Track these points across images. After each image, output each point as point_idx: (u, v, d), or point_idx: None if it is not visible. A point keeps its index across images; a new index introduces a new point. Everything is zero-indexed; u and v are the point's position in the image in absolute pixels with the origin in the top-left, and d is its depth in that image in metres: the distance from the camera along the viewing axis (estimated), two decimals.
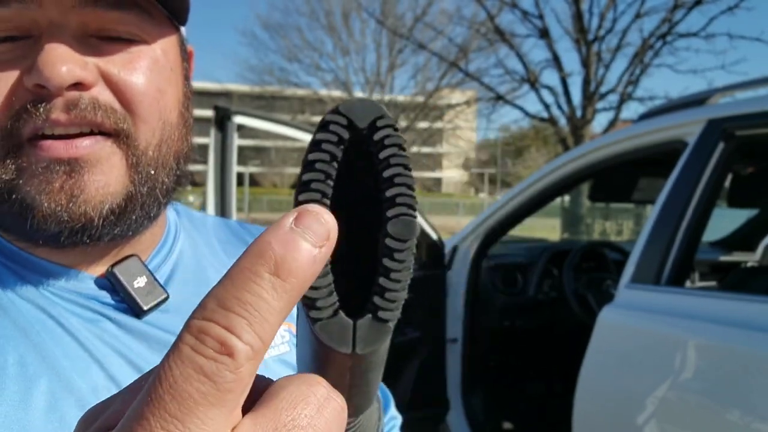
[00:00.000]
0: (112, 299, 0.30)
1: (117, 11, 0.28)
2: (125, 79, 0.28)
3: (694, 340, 0.92)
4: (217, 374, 0.11)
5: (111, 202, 0.28)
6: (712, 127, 1.07)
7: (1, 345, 0.26)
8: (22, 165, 0.27)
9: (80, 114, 0.27)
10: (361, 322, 0.13)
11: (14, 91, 0.27)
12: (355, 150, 0.13)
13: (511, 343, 1.66)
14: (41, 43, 0.27)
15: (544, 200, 1.52)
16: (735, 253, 1.89)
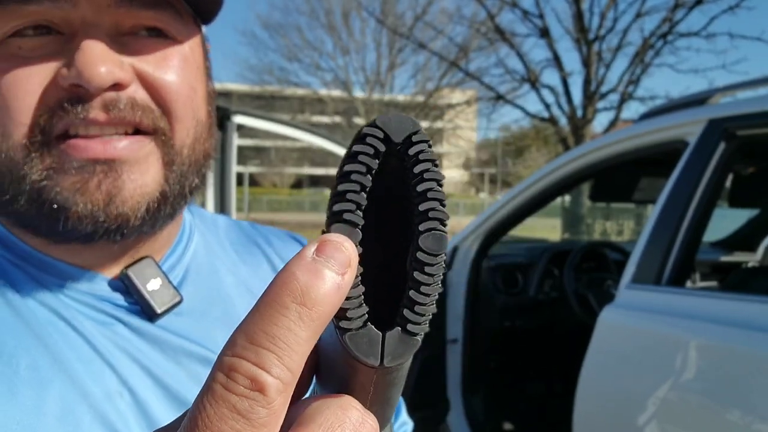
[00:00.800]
0: (126, 301, 0.30)
1: (152, 10, 0.28)
2: (160, 78, 0.28)
3: (695, 340, 0.91)
4: (250, 411, 0.11)
5: (147, 202, 0.28)
6: (713, 127, 1.06)
7: (14, 349, 0.26)
8: (53, 164, 0.26)
9: (119, 114, 0.27)
10: (390, 334, 0.13)
11: (48, 88, 0.26)
12: (391, 164, 0.13)
13: (511, 343, 1.66)
14: (76, 41, 0.26)
15: (544, 200, 1.52)
16: (736, 254, 1.89)
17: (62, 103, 0.26)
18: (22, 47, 0.26)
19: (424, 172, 0.13)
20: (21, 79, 0.26)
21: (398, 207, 0.14)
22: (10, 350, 0.26)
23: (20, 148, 0.26)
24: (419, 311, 0.13)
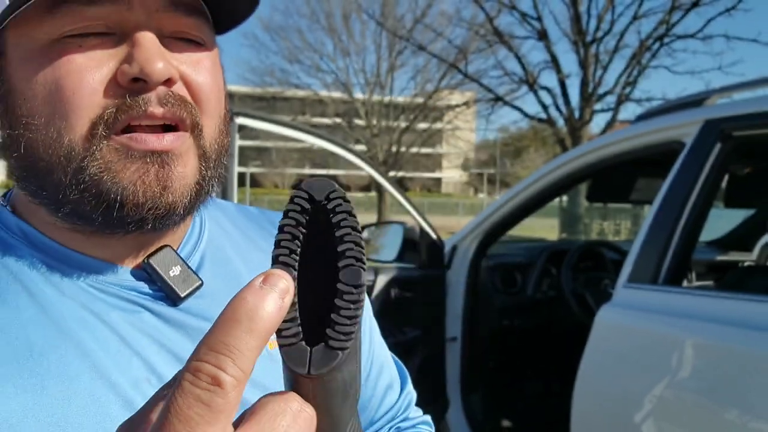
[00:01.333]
0: (150, 289, 0.31)
1: (191, 17, 0.30)
2: (196, 78, 0.31)
3: (692, 339, 0.92)
4: (210, 401, 0.14)
5: (189, 193, 0.30)
6: (709, 128, 1.07)
7: (43, 346, 0.27)
8: (113, 156, 0.28)
9: (171, 110, 0.29)
10: (316, 349, 0.16)
11: (109, 84, 0.28)
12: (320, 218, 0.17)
13: (510, 342, 1.67)
14: (133, 40, 0.28)
15: (542, 200, 1.53)
16: (732, 253, 1.90)
17: (124, 97, 0.28)
18: (82, 46, 0.28)
19: (342, 220, 0.17)
20: (84, 75, 0.28)
21: (330, 249, 0.17)
22: (39, 348, 0.27)
23: (81, 141, 0.28)
24: (339, 330, 0.16)
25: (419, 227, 1.52)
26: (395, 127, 13.14)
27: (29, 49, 0.28)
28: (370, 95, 13.30)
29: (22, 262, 0.30)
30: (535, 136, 13.84)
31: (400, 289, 1.44)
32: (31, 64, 0.28)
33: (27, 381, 0.26)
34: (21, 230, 0.31)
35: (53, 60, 0.28)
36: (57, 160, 0.28)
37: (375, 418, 0.41)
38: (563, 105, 7.78)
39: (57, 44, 0.28)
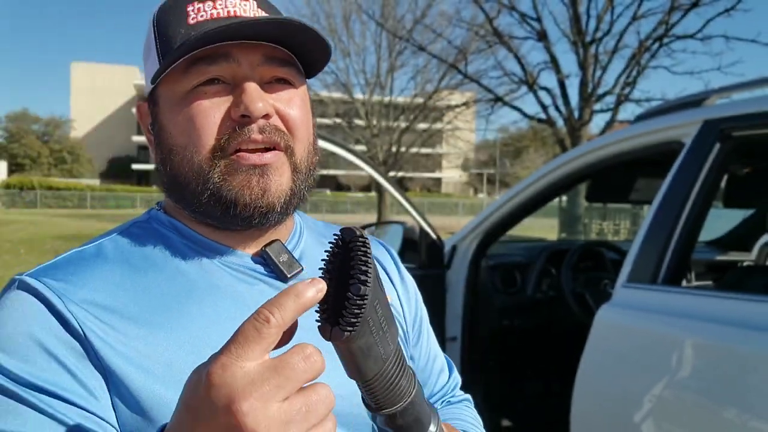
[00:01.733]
0: (265, 270, 0.44)
1: (284, 68, 0.43)
2: (289, 112, 0.42)
3: (691, 339, 0.92)
4: (260, 329, 0.25)
5: (284, 196, 0.42)
6: (708, 128, 1.07)
7: (187, 302, 0.40)
8: (228, 169, 0.40)
9: (268, 137, 0.41)
10: (334, 328, 0.27)
11: (224, 119, 0.41)
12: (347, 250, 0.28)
13: (509, 341, 1.67)
14: (242, 87, 0.40)
15: (542, 200, 1.53)
16: (731, 253, 1.90)
17: (234, 128, 0.40)
18: (207, 92, 0.41)
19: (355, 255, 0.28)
20: (208, 114, 0.40)
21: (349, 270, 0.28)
22: (186, 303, 0.40)
23: (206, 160, 0.41)
24: (345, 320, 0.27)
25: (419, 227, 1.52)
26: (395, 127, 13.14)
27: (172, 98, 0.41)
28: (370, 95, 13.31)
29: (174, 247, 0.43)
30: (535, 136, 13.84)
31: None
32: (174, 109, 0.41)
33: (177, 322, 0.39)
34: (172, 225, 0.44)
35: (188, 105, 0.41)
36: (191, 175, 0.41)
37: (431, 393, 0.54)
38: (563, 105, 7.78)
39: (190, 93, 0.41)
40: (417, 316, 0.53)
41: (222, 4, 0.41)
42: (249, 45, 0.40)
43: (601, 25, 7.46)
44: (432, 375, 0.54)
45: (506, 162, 21.92)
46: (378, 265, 0.49)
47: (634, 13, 7.26)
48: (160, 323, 0.38)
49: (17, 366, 0.35)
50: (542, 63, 7.83)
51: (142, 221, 0.45)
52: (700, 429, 0.87)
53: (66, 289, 0.37)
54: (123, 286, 0.39)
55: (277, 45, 0.42)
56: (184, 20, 0.41)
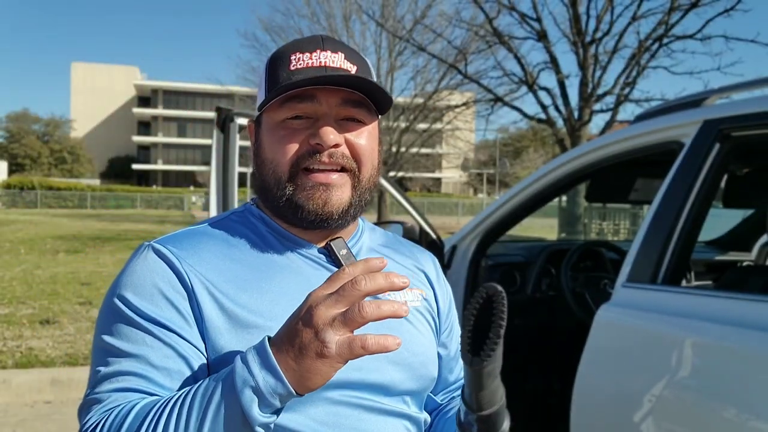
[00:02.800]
0: (327, 260, 0.57)
1: (356, 108, 0.55)
2: (357, 143, 0.55)
3: (690, 338, 0.92)
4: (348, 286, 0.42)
5: (343, 207, 0.54)
6: (707, 128, 1.07)
7: (269, 275, 0.54)
8: (298, 184, 0.54)
9: (335, 160, 0.54)
10: (475, 358, 0.38)
11: (301, 144, 0.54)
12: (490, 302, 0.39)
13: (509, 341, 1.66)
14: (320, 122, 0.54)
15: (542, 200, 1.53)
16: (730, 253, 1.91)
17: (308, 152, 0.54)
18: (294, 123, 0.54)
19: (496, 306, 0.38)
20: (291, 140, 0.54)
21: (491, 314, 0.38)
22: (267, 275, 0.54)
23: (285, 173, 0.54)
24: (486, 352, 0.38)
25: (419, 227, 1.53)
26: (395, 128, 13.14)
27: (270, 124, 0.55)
28: None
29: (260, 234, 0.57)
30: (535, 136, 13.83)
31: None
32: (269, 132, 0.55)
33: (265, 286, 0.53)
34: (261, 217, 0.58)
35: (279, 130, 0.54)
36: (273, 183, 0.55)
37: (454, 376, 0.67)
38: (562, 105, 7.78)
39: (282, 123, 0.54)
40: (450, 313, 0.66)
41: (317, 56, 0.54)
42: (331, 90, 0.53)
43: (601, 25, 7.47)
44: (459, 362, 0.66)
45: (506, 162, 21.89)
46: (422, 267, 0.65)
47: (633, 14, 7.26)
48: (245, 287, 0.52)
49: (146, 306, 0.49)
50: (542, 63, 7.83)
51: (239, 212, 0.59)
52: (700, 428, 0.88)
53: (182, 255, 0.52)
54: (222, 257, 0.53)
55: (354, 90, 0.54)
56: (287, 66, 0.54)
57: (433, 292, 0.64)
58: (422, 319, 0.60)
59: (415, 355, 0.56)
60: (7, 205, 21.81)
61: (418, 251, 0.67)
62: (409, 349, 0.56)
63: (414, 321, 0.58)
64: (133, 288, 0.50)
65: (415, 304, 0.60)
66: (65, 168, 34.16)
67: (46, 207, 22.04)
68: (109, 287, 0.52)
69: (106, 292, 0.52)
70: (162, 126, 37.15)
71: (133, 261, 0.52)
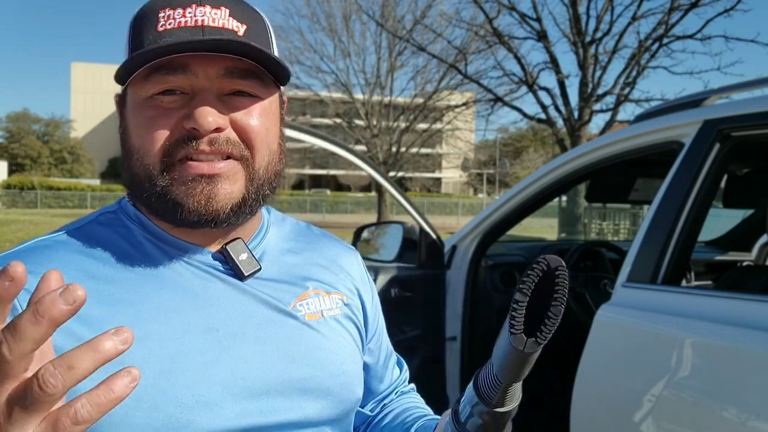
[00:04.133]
0: (224, 267, 0.45)
1: (243, 80, 0.42)
2: (245, 123, 0.43)
3: (690, 338, 0.92)
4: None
5: (232, 204, 0.42)
6: (707, 128, 1.07)
7: (145, 297, 0.41)
8: (174, 177, 0.41)
9: (218, 147, 0.42)
10: (530, 339, 0.32)
11: (174, 128, 0.41)
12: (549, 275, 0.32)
13: None
14: (195, 100, 0.41)
15: (542, 200, 1.53)
16: (730, 253, 1.90)
17: (183, 138, 0.41)
18: (163, 101, 0.42)
19: (560, 282, 0.32)
20: (160, 122, 0.41)
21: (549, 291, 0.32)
22: (142, 298, 0.41)
23: (155, 165, 0.42)
24: (544, 335, 0.31)
25: (419, 227, 1.53)
26: (395, 128, 13.12)
27: (134, 102, 0.42)
28: (371, 96, 13.30)
29: (135, 240, 0.44)
30: (535, 136, 13.83)
31: (400, 289, 1.44)
32: (134, 112, 0.42)
33: (124, 314, 0.40)
34: (137, 218, 0.45)
35: (144, 111, 0.42)
36: (143, 176, 0.42)
37: (385, 385, 0.58)
38: (562, 105, 7.78)
39: (149, 100, 0.42)
40: (377, 316, 0.56)
41: (192, 12, 0.41)
42: (210, 57, 0.40)
43: (601, 25, 7.47)
44: (388, 369, 0.58)
45: (506, 162, 21.88)
46: (343, 265, 0.53)
47: (633, 14, 7.26)
48: (104, 316, 0.39)
49: None
50: (542, 63, 7.83)
51: (110, 211, 0.47)
52: (700, 428, 0.88)
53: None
54: (81, 277, 0.41)
55: (242, 56, 0.41)
56: (155, 26, 0.41)
57: (358, 294, 0.52)
58: (341, 329, 0.48)
59: (333, 377, 0.45)
60: (7, 205, 21.82)
61: (338, 247, 0.54)
62: (325, 369, 0.45)
63: (330, 333, 0.47)
64: None
65: (333, 312, 0.48)
66: (65, 168, 34.16)
67: (46, 207, 22.04)
68: None
69: None
70: None
71: None
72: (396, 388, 0.59)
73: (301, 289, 0.48)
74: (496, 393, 0.36)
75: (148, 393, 0.38)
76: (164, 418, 0.38)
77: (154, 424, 0.38)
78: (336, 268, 0.52)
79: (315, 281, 0.49)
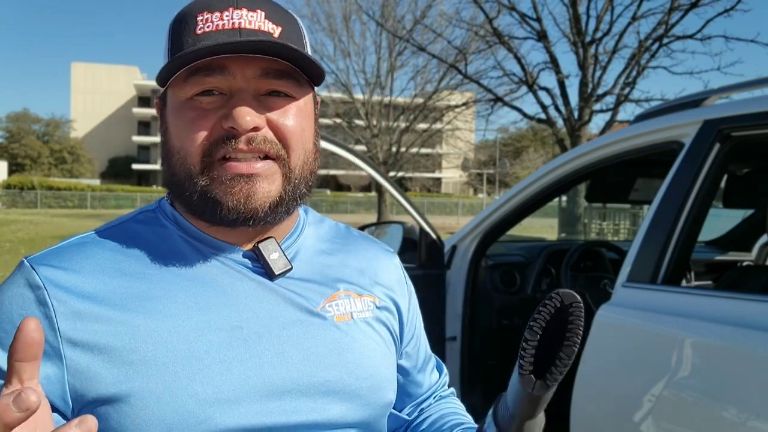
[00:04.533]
0: (254, 266, 0.46)
1: (279, 80, 0.44)
2: (281, 122, 0.44)
3: (690, 338, 0.92)
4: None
5: (270, 202, 0.44)
6: (707, 128, 1.07)
7: (176, 293, 0.43)
8: (213, 176, 0.43)
9: (256, 146, 0.43)
10: (539, 382, 0.31)
11: (213, 128, 0.43)
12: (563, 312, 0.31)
13: (509, 341, 1.67)
14: (233, 100, 0.43)
15: (542, 200, 1.53)
16: (730, 253, 1.91)
17: (222, 138, 0.43)
18: (202, 102, 0.43)
19: (574, 321, 0.30)
20: (200, 123, 0.43)
21: (562, 328, 0.30)
22: (171, 295, 0.43)
23: (195, 165, 0.43)
24: (554, 377, 0.31)
25: (419, 227, 1.53)
26: (395, 128, 13.13)
27: (175, 103, 0.44)
28: (371, 96, 13.30)
29: (171, 238, 0.46)
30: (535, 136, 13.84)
31: None
32: (175, 113, 0.44)
33: (157, 310, 0.42)
34: (173, 217, 0.47)
35: (184, 112, 0.43)
36: (184, 176, 0.44)
37: (423, 389, 0.58)
38: (562, 105, 7.78)
39: (189, 101, 0.43)
40: (415, 319, 0.57)
41: (229, 15, 0.42)
42: (247, 58, 0.42)
43: (601, 25, 7.46)
44: (426, 373, 0.58)
45: (506, 162, 21.87)
46: (378, 268, 0.53)
47: (633, 14, 7.26)
48: (139, 311, 0.41)
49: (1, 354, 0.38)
50: (542, 63, 7.83)
51: (149, 210, 0.49)
52: (700, 428, 0.88)
53: (56, 278, 0.41)
54: (114, 273, 0.43)
55: (277, 57, 0.42)
56: (193, 29, 0.43)
57: (393, 298, 0.52)
58: (372, 332, 0.48)
59: (360, 379, 0.45)
60: (7, 205, 21.82)
61: (376, 249, 0.54)
62: (352, 372, 0.45)
63: (359, 336, 0.47)
64: None
65: (364, 315, 0.48)
66: (65, 168, 34.16)
67: (46, 207, 22.04)
68: None
69: None
70: None
71: (5, 283, 0.41)
72: (435, 392, 0.59)
73: (332, 290, 0.48)
74: (511, 427, 0.35)
75: (168, 388, 0.39)
76: (183, 413, 0.39)
77: (173, 418, 0.39)
78: (371, 271, 0.52)
79: (347, 283, 0.49)
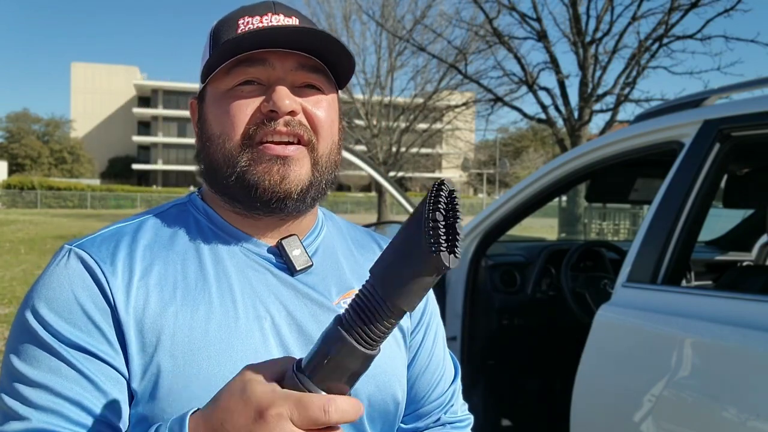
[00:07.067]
0: (277, 261, 0.49)
1: (314, 74, 0.48)
2: (315, 112, 0.48)
3: (690, 338, 0.92)
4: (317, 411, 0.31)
5: (302, 185, 0.47)
6: (707, 128, 1.07)
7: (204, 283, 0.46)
8: (252, 158, 0.46)
9: (292, 129, 0.47)
10: (452, 255, 0.30)
11: (254, 113, 0.47)
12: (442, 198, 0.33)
13: (509, 341, 1.67)
14: (273, 88, 0.47)
15: (542, 200, 1.53)
16: (730, 253, 1.91)
17: (263, 120, 0.47)
18: (243, 91, 0.47)
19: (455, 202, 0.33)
20: (242, 108, 0.47)
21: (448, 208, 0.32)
22: (202, 285, 0.46)
23: (236, 147, 0.47)
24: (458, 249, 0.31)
25: None
26: (395, 128, 13.13)
27: (216, 95, 0.48)
28: (371, 95, 13.31)
29: (201, 230, 0.49)
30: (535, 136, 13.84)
31: None
32: (215, 103, 0.48)
33: (187, 298, 0.45)
34: (204, 210, 0.50)
35: (226, 100, 0.47)
36: (222, 160, 0.47)
37: (433, 397, 0.56)
38: (562, 105, 7.78)
39: (230, 91, 0.47)
40: (429, 321, 0.56)
41: (268, 19, 0.48)
42: (285, 53, 0.47)
43: (601, 25, 7.46)
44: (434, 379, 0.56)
45: (506, 162, 21.87)
46: None
47: (633, 14, 7.25)
48: (173, 298, 0.45)
49: (62, 325, 0.42)
50: (542, 63, 7.83)
51: (181, 203, 0.52)
52: (700, 428, 0.88)
53: (104, 261, 0.44)
54: (151, 261, 0.46)
55: (310, 55, 0.48)
56: (234, 31, 0.48)
57: None
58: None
59: (369, 376, 0.44)
60: (7, 205, 21.81)
61: None
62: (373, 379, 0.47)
63: None
64: (48, 302, 0.42)
65: None
66: (65, 168, 34.17)
67: (46, 207, 22.04)
68: (24, 297, 0.44)
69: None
70: (162, 126, 37.19)
71: (50, 267, 0.44)
72: (443, 408, 0.56)
73: (347, 286, 0.51)
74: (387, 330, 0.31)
75: (202, 370, 0.43)
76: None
77: (206, 399, 0.39)
78: None
79: (361, 280, 0.48)
